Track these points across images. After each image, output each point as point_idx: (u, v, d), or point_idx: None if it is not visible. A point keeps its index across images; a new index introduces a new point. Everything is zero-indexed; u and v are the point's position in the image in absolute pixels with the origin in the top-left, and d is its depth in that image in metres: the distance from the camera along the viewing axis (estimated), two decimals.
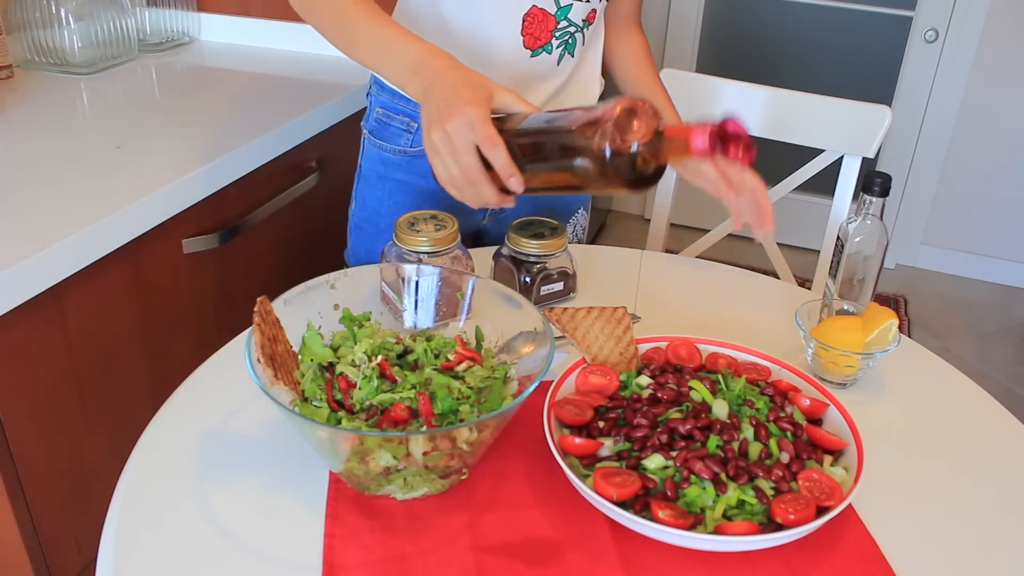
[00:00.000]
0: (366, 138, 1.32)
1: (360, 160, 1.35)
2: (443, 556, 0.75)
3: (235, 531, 0.77)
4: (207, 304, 1.40)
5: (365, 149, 1.33)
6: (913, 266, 3.35)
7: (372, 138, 1.31)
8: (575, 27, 1.18)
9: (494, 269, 1.16)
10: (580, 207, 1.41)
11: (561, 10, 1.15)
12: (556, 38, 1.17)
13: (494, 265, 1.16)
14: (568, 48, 1.19)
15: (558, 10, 1.15)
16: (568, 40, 1.18)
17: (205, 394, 0.95)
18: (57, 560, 1.18)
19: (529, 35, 1.15)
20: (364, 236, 1.35)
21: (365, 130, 1.33)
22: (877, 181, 1.00)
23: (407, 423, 0.78)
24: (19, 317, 1.04)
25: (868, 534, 0.79)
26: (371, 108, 1.31)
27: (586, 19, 1.18)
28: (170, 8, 1.89)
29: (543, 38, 1.16)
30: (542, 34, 1.15)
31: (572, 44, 1.19)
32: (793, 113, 1.45)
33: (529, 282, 1.11)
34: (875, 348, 0.97)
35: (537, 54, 1.17)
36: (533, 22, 1.14)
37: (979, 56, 2.97)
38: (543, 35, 1.16)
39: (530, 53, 1.16)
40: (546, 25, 1.15)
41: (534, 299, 1.11)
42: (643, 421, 0.83)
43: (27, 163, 1.27)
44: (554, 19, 1.15)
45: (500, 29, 1.14)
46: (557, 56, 1.19)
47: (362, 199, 1.34)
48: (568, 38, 1.18)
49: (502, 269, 1.14)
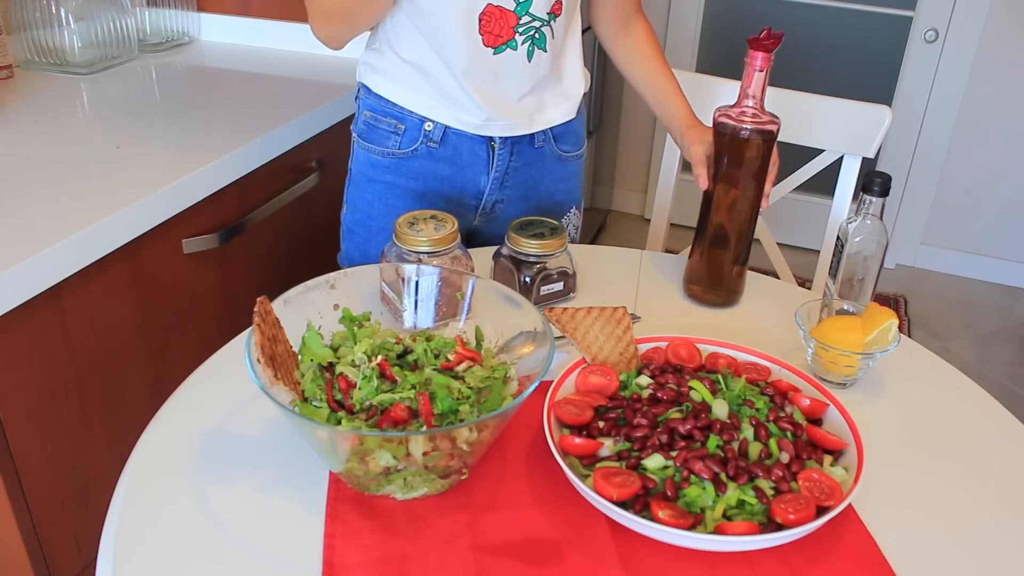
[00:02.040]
0: (355, 141, 1.32)
1: (350, 164, 1.34)
2: (443, 556, 0.75)
3: (235, 531, 0.77)
4: (207, 304, 1.40)
5: (355, 152, 1.33)
6: (913, 266, 3.35)
7: (361, 141, 1.31)
8: (540, 21, 1.17)
9: (494, 269, 1.16)
10: (572, 206, 1.41)
11: (520, 6, 1.14)
12: (520, 34, 1.16)
13: (494, 265, 1.16)
14: (537, 43, 1.18)
15: (517, 6, 1.14)
16: (535, 35, 1.18)
17: (205, 394, 0.95)
18: (57, 560, 1.18)
19: (488, 33, 1.15)
20: (356, 239, 1.35)
21: (354, 133, 1.33)
22: (877, 181, 1.00)
23: (407, 423, 0.78)
24: (19, 317, 1.04)
25: (868, 534, 0.79)
26: (359, 111, 1.31)
27: (551, 12, 1.17)
28: (170, 8, 1.89)
29: (504, 35, 1.15)
30: (503, 31, 1.15)
31: (541, 39, 1.19)
32: (793, 113, 1.44)
33: (529, 282, 1.11)
34: (875, 348, 0.97)
35: (500, 51, 1.17)
36: (491, 20, 1.14)
37: (979, 56, 2.97)
38: (504, 32, 1.15)
39: (492, 51, 1.16)
40: (506, 22, 1.15)
41: (534, 299, 1.11)
42: (643, 421, 0.83)
43: (27, 163, 1.27)
44: (515, 15, 1.15)
45: (457, 29, 1.14)
46: (525, 52, 1.18)
47: (353, 202, 1.34)
48: (534, 33, 1.17)
49: (502, 269, 1.14)
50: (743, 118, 1.07)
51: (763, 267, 1.63)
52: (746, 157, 1.08)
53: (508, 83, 1.20)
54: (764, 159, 1.09)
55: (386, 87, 1.25)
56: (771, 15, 3.21)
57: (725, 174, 1.10)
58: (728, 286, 1.17)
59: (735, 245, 1.14)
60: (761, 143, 1.08)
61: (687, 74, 1.54)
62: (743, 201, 1.11)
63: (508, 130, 1.24)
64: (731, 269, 1.16)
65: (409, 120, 1.25)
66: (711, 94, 1.49)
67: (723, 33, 3.29)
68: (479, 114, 1.21)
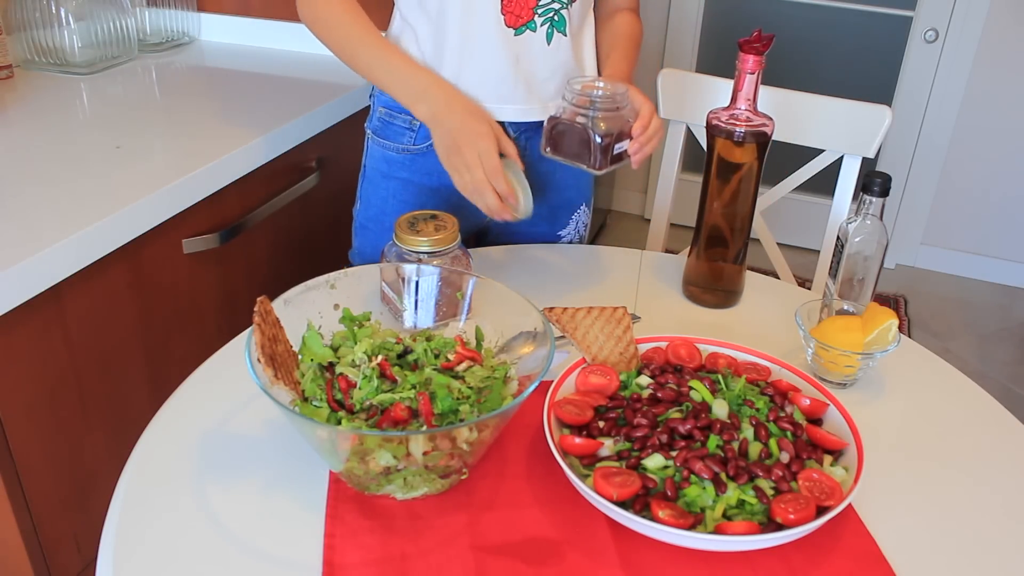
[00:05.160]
0: (370, 138, 1.33)
1: (364, 160, 1.35)
2: (443, 556, 0.75)
3: (235, 531, 0.77)
4: (207, 304, 1.40)
5: (369, 149, 1.34)
6: (913, 266, 3.35)
7: (376, 137, 1.31)
8: (559, 3, 1.18)
9: (553, 129, 1.11)
10: (583, 203, 1.41)
11: None
12: (539, 15, 1.17)
13: (550, 130, 1.11)
14: (556, 25, 1.19)
15: None
16: (554, 17, 1.18)
17: (205, 394, 0.95)
18: (57, 560, 1.18)
19: (509, 13, 1.16)
20: (369, 235, 1.35)
21: (369, 130, 1.33)
22: (877, 181, 1.00)
23: (407, 423, 0.78)
24: (19, 317, 1.04)
25: (868, 534, 0.79)
26: (374, 108, 1.31)
27: None
28: (170, 8, 1.89)
29: (524, 16, 1.16)
30: (523, 12, 1.16)
31: (560, 22, 1.19)
32: (793, 113, 1.44)
33: (601, 142, 1.07)
34: (875, 348, 0.97)
35: (521, 32, 1.17)
36: (512, 0, 1.15)
37: (979, 56, 2.96)
38: (524, 13, 1.16)
39: (513, 32, 1.17)
40: (527, 3, 1.16)
41: (607, 161, 1.08)
42: (643, 421, 0.83)
43: (27, 163, 1.27)
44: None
45: (480, 8, 1.15)
46: (544, 34, 1.18)
47: (367, 198, 1.35)
48: (553, 15, 1.18)
49: (571, 133, 1.09)
50: (737, 120, 1.07)
51: (763, 267, 1.63)
52: (741, 159, 1.08)
53: (528, 66, 1.20)
54: (759, 161, 1.09)
55: None
56: (771, 15, 3.21)
57: (720, 176, 1.10)
58: (727, 286, 1.17)
59: (732, 246, 1.14)
60: (755, 145, 1.08)
61: (687, 74, 1.54)
62: (739, 202, 1.11)
63: (523, 115, 1.24)
64: (729, 269, 1.16)
65: None
66: (711, 94, 1.49)
67: (723, 33, 3.29)
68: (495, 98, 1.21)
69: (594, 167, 1.09)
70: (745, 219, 1.13)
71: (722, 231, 1.14)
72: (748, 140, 1.07)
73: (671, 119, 1.54)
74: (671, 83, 1.53)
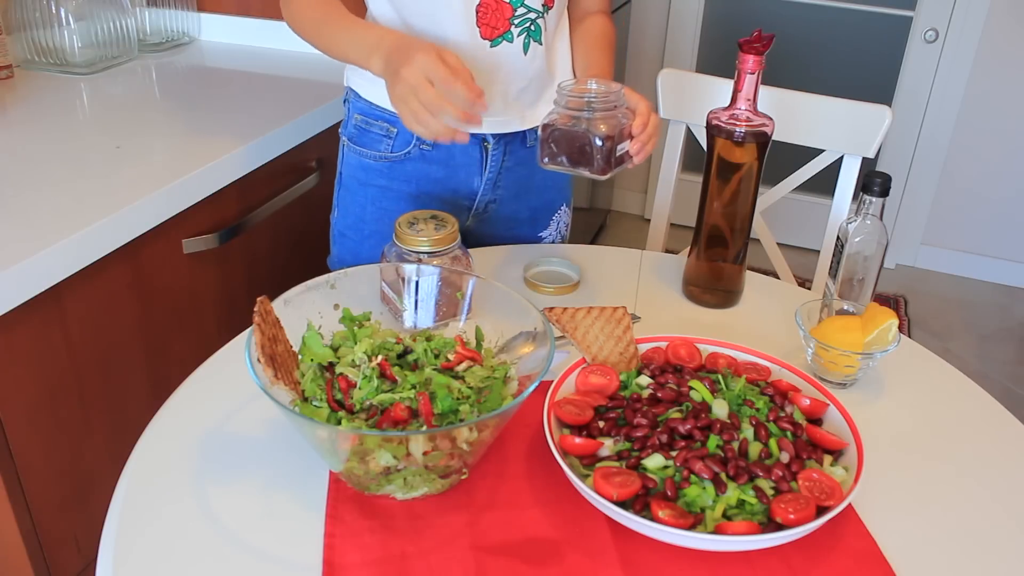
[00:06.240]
0: (345, 145, 1.31)
1: (340, 167, 1.33)
2: (443, 556, 0.75)
3: (235, 531, 0.77)
4: (207, 304, 1.40)
5: (345, 156, 1.32)
6: (913, 266, 3.35)
7: (352, 145, 1.29)
8: (535, 12, 1.17)
9: (549, 137, 1.04)
10: (563, 204, 1.41)
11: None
12: (515, 26, 1.16)
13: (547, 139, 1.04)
14: (532, 35, 1.18)
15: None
16: (530, 27, 1.17)
17: (205, 394, 0.95)
18: (57, 560, 1.18)
19: (485, 25, 1.14)
20: (348, 243, 1.34)
21: (344, 136, 1.32)
22: (877, 181, 1.00)
23: (407, 423, 0.78)
24: (19, 317, 1.04)
25: (868, 534, 0.79)
26: (349, 115, 1.30)
27: (544, 3, 1.17)
28: (170, 8, 1.89)
29: (500, 27, 1.15)
30: (499, 23, 1.15)
31: (536, 31, 1.18)
32: (793, 113, 1.44)
33: (602, 145, 1.01)
34: (875, 348, 0.97)
35: (497, 44, 1.16)
36: (487, 12, 1.14)
37: (979, 56, 2.96)
38: (500, 24, 1.15)
39: (489, 44, 1.16)
40: (502, 14, 1.14)
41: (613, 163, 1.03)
42: (643, 421, 0.83)
43: (27, 163, 1.27)
44: (510, 7, 1.14)
45: (454, 23, 1.14)
46: (521, 45, 1.18)
47: (344, 206, 1.33)
48: (529, 25, 1.17)
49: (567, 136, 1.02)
50: (737, 120, 1.07)
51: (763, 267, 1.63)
52: (741, 159, 1.08)
53: (505, 77, 1.19)
54: (759, 161, 1.09)
55: (375, 92, 1.24)
56: (771, 15, 3.21)
57: (720, 176, 1.10)
58: (727, 286, 1.17)
59: (732, 246, 1.14)
60: (756, 145, 1.08)
61: (687, 74, 1.54)
62: (739, 202, 1.11)
63: (501, 127, 1.24)
64: (729, 269, 1.16)
65: (401, 123, 1.24)
66: (711, 94, 1.49)
67: (723, 33, 3.29)
68: None
69: (597, 172, 1.03)
70: (745, 219, 1.13)
71: (722, 231, 1.13)
72: (748, 140, 1.07)
73: (671, 119, 1.55)
74: (671, 83, 1.53)
